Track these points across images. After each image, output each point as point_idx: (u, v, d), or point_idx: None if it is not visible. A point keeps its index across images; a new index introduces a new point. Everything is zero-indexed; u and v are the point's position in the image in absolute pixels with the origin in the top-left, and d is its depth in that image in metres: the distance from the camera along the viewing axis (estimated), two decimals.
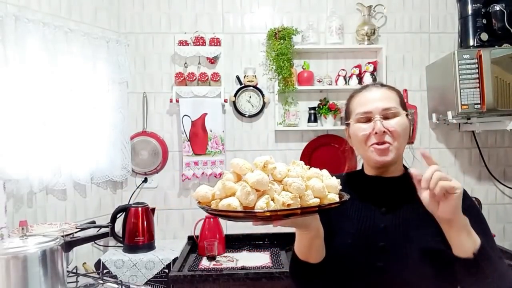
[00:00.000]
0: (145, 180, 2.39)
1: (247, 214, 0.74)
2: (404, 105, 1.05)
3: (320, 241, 0.96)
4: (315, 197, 0.78)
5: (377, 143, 0.99)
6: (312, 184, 0.79)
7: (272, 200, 0.75)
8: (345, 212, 1.04)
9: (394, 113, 1.00)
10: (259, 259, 2.06)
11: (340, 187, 0.86)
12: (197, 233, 2.23)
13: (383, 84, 1.08)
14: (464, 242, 0.84)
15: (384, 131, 0.98)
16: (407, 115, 1.02)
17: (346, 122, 1.12)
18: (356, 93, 1.09)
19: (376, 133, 0.98)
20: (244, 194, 0.74)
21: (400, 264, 0.92)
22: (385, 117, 1.00)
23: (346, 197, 0.83)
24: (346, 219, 1.04)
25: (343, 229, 1.03)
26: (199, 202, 0.82)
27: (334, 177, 0.86)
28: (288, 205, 0.73)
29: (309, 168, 0.87)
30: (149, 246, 2.11)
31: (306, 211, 0.75)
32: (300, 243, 0.97)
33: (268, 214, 0.72)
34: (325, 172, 0.88)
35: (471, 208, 0.95)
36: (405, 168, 1.08)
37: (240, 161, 0.83)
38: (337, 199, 0.81)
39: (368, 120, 1.02)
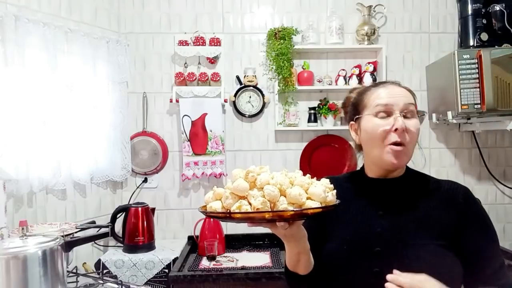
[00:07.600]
0: (145, 180, 2.39)
1: (208, 213, 0.87)
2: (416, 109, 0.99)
3: (306, 257, 0.97)
4: (293, 204, 0.82)
5: (395, 143, 0.93)
6: (289, 192, 0.83)
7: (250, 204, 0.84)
8: (342, 216, 1.02)
9: (413, 112, 0.96)
10: (259, 259, 2.06)
11: (328, 196, 0.84)
12: (197, 233, 2.23)
13: (400, 84, 1.03)
14: None
15: (403, 130, 0.92)
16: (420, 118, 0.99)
17: (356, 116, 1.03)
18: (372, 87, 1.03)
19: (396, 129, 0.92)
20: (223, 198, 0.86)
21: (397, 269, 0.88)
22: (404, 116, 0.94)
23: (314, 205, 0.82)
24: (342, 223, 1.02)
25: (338, 234, 1.01)
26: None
27: (320, 184, 0.86)
28: (257, 209, 0.79)
29: (312, 178, 0.89)
30: (149, 246, 2.11)
31: (260, 216, 0.80)
32: (288, 254, 0.99)
33: (225, 215, 0.83)
34: (323, 180, 0.89)
35: (476, 213, 0.95)
36: (407, 168, 1.05)
37: (239, 172, 0.89)
38: (314, 206, 0.82)
39: (388, 115, 0.95)
